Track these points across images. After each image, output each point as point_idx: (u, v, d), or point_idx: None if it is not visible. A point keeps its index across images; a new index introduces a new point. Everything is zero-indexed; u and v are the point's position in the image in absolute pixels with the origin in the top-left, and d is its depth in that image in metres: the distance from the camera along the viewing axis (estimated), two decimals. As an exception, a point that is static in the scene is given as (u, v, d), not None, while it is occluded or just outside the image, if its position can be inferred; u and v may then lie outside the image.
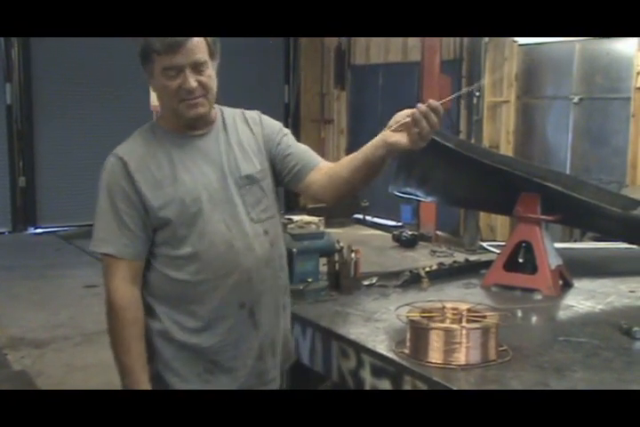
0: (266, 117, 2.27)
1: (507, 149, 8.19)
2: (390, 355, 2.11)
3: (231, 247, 2.07)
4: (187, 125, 2.11)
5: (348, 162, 2.10)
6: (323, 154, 10.44)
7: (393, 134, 1.91)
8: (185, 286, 2.08)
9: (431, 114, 1.83)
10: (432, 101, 1.84)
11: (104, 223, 2.08)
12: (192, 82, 2.00)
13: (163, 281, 2.10)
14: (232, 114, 2.22)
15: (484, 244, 4.05)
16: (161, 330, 2.11)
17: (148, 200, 2.04)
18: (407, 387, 2.02)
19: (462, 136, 8.28)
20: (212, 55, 2.05)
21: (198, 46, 2.00)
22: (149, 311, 2.12)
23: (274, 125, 2.25)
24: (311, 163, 2.20)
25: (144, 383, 2.06)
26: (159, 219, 2.05)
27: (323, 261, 2.83)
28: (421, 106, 1.83)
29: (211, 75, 2.04)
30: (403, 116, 1.89)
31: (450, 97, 2.11)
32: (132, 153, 2.09)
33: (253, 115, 2.25)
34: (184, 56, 1.98)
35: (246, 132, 2.20)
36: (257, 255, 2.11)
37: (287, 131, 2.26)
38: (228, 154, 2.13)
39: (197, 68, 2.01)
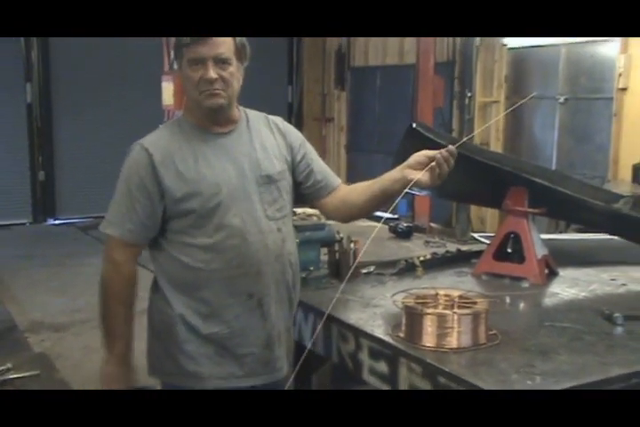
0: (288, 125, 2.29)
1: (496, 146, 8.17)
2: (387, 338, 2.11)
3: (245, 241, 2.08)
4: (209, 119, 2.11)
5: (364, 190, 2.19)
6: (324, 150, 10.39)
7: (413, 172, 2.03)
8: (197, 273, 2.09)
9: (450, 158, 1.99)
10: (451, 147, 1.99)
11: (116, 207, 2.10)
12: (212, 73, 2.01)
13: (177, 267, 2.11)
14: (256, 116, 2.24)
15: (475, 235, 4.05)
16: (176, 314, 2.11)
17: (170, 192, 2.05)
18: (403, 369, 2.02)
19: (455, 134, 8.26)
20: (238, 56, 2.07)
21: (224, 43, 2.03)
22: (166, 296, 2.13)
23: (297, 136, 2.28)
24: (332, 184, 2.28)
25: (119, 349, 2.11)
26: (179, 210, 2.06)
27: (324, 250, 2.83)
28: (444, 152, 1.99)
29: (233, 72, 2.06)
30: (422, 156, 2.02)
31: (463, 140, 2.24)
32: (158, 145, 2.09)
33: (277, 121, 2.27)
34: (208, 48, 2.01)
35: (269, 136, 2.21)
36: (269, 250, 2.12)
37: (309, 144, 2.30)
38: (250, 153, 2.14)
39: (220, 62, 2.03)
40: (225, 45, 2.03)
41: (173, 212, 2.07)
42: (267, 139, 2.20)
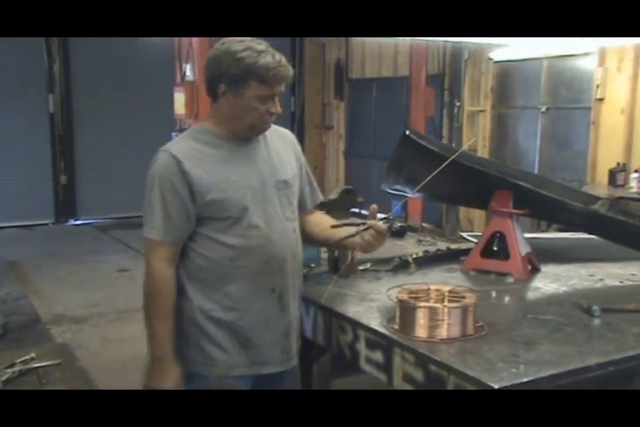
0: (294, 138, 2.33)
1: (483, 153, 8.17)
2: (382, 330, 2.11)
3: (269, 240, 2.10)
4: (245, 134, 2.11)
5: (323, 231, 2.30)
6: (324, 156, 10.37)
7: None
8: (223, 268, 2.07)
9: (380, 237, 2.11)
10: (383, 227, 2.12)
11: (153, 213, 2.05)
12: (279, 108, 2.05)
13: (207, 264, 2.08)
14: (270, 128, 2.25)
15: (464, 234, 4.04)
16: (203, 309, 2.09)
17: (201, 196, 2.03)
18: (397, 358, 2.02)
19: (444, 141, 8.26)
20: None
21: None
22: (193, 293, 2.10)
23: (300, 150, 2.32)
24: (304, 207, 2.32)
25: (169, 352, 2.05)
26: (209, 213, 2.05)
27: (324, 249, 2.83)
28: (377, 227, 2.10)
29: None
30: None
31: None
32: (186, 152, 2.05)
33: (287, 133, 2.31)
34: (281, 86, 2.04)
35: (281, 145, 2.23)
36: (289, 248, 2.15)
37: (306, 163, 2.35)
38: (268, 160, 2.16)
39: (280, 96, 2.06)
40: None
41: (203, 215, 2.05)
42: (280, 148, 2.22)
